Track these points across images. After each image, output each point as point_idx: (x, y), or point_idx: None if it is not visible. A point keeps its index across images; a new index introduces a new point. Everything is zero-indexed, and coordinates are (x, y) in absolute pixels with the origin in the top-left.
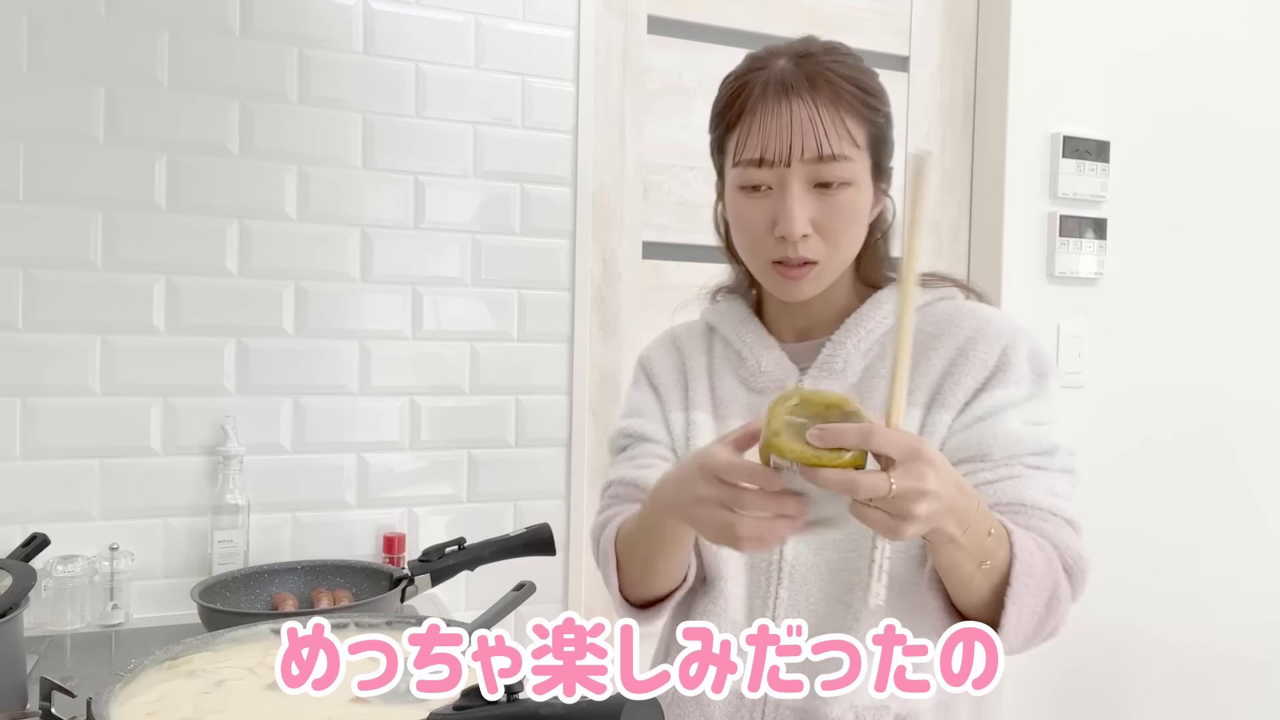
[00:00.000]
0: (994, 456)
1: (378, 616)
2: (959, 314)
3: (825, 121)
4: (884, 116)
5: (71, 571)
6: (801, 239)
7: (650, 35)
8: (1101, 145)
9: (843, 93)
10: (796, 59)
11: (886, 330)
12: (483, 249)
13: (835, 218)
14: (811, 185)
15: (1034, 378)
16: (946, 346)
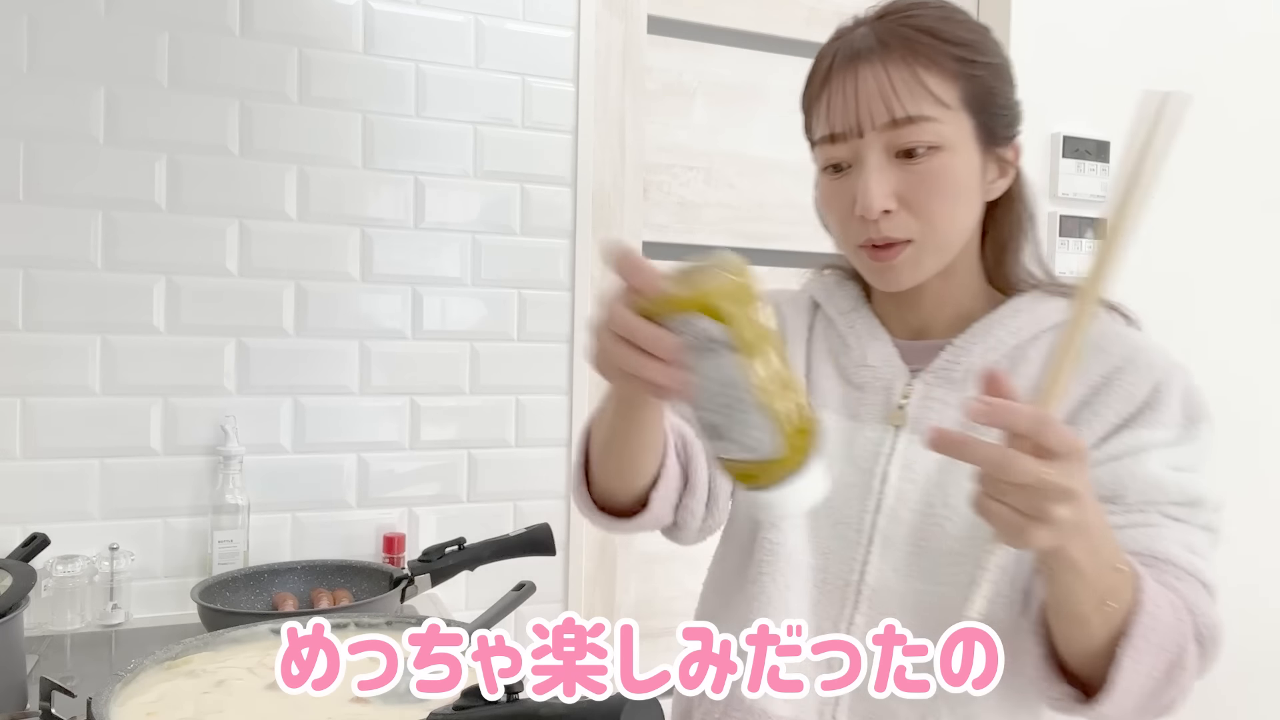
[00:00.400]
0: (1129, 499)
1: (378, 616)
2: (1107, 338)
3: (895, 80)
4: (986, 69)
5: (71, 571)
6: (884, 216)
7: (650, 35)
8: (1101, 145)
9: (919, 46)
10: (873, 22)
11: (1020, 343)
12: (483, 249)
13: (922, 188)
14: (892, 155)
15: (1185, 421)
16: (1090, 372)
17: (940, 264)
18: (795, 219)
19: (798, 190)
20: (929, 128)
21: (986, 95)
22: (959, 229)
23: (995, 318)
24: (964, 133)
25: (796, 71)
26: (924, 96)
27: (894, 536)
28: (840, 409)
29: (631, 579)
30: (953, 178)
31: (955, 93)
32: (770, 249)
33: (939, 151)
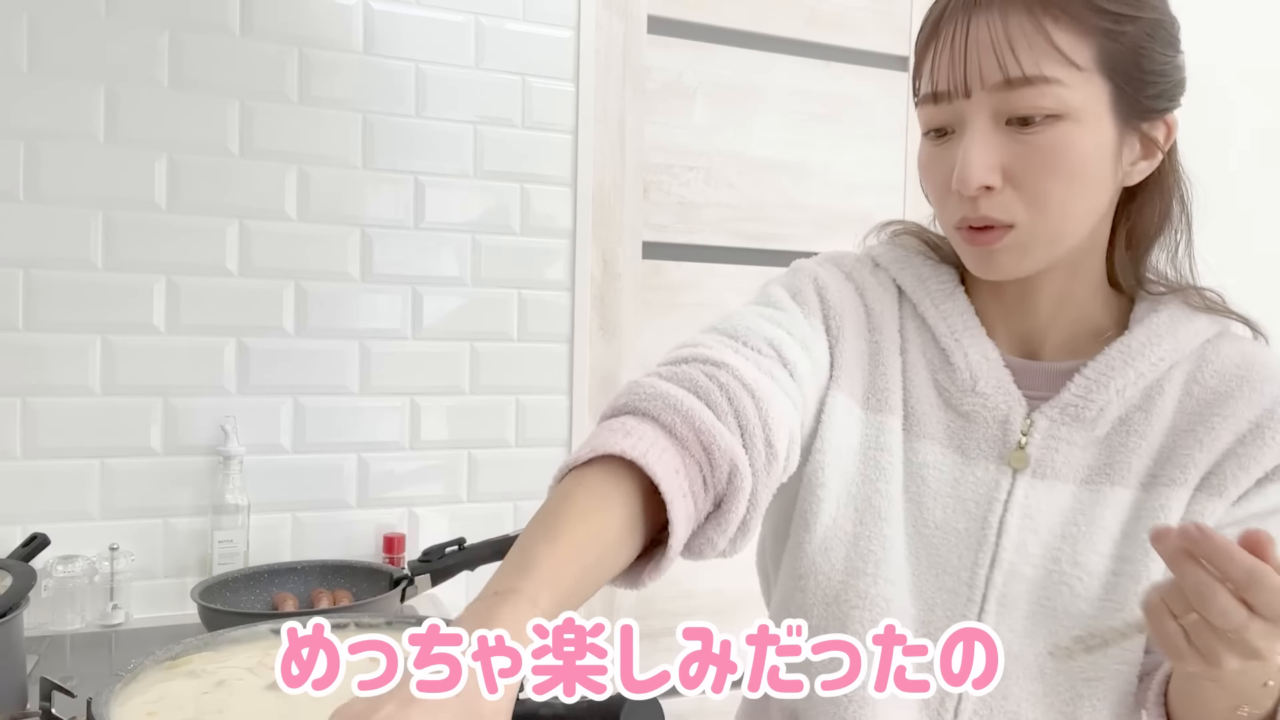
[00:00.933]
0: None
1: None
2: (1255, 369)
3: (1015, 32)
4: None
5: (71, 571)
6: (984, 193)
7: (650, 35)
8: None
9: None
10: None
11: (1161, 376)
12: (483, 249)
13: (1035, 163)
14: (1003, 122)
15: None
16: (1239, 414)
17: (1051, 256)
18: (795, 219)
19: (798, 190)
20: (1050, 91)
21: (1132, 57)
22: (1077, 217)
23: (1133, 343)
24: (1097, 101)
25: (796, 71)
26: (1048, 53)
27: (1012, 595)
28: (944, 440)
29: None
30: (1075, 154)
31: (1090, 51)
32: (770, 249)
33: (1060, 121)
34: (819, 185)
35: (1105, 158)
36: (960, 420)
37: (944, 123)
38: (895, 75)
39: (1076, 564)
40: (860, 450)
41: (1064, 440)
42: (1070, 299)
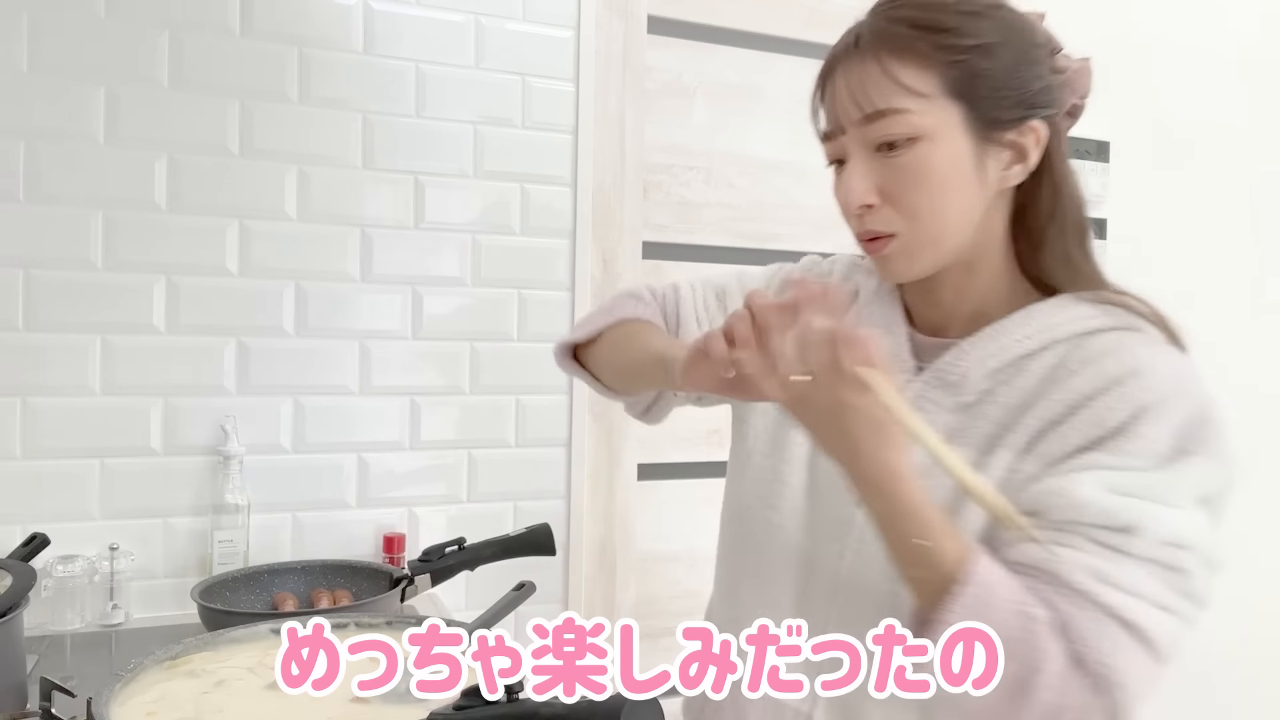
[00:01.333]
0: (1050, 517)
1: (378, 616)
2: (1110, 355)
3: (864, 76)
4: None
5: (71, 571)
6: (867, 210)
7: (650, 35)
8: (1101, 145)
9: (890, 37)
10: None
11: (1027, 353)
12: (483, 249)
13: (901, 181)
14: (873, 149)
15: (1170, 454)
16: (1072, 390)
17: (937, 257)
18: (795, 219)
19: (798, 190)
20: (902, 120)
21: (973, 80)
22: (951, 222)
23: (1007, 322)
24: (949, 121)
25: (796, 71)
26: (893, 88)
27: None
28: None
29: (631, 579)
30: (935, 169)
31: (935, 80)
32: (770, 249)
33: (918, 142)
34: (819, 185)
35: (965, 169)
36: None
37: (836, 155)
38: None
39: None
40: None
41: (931, 402)
42: (968, 291)
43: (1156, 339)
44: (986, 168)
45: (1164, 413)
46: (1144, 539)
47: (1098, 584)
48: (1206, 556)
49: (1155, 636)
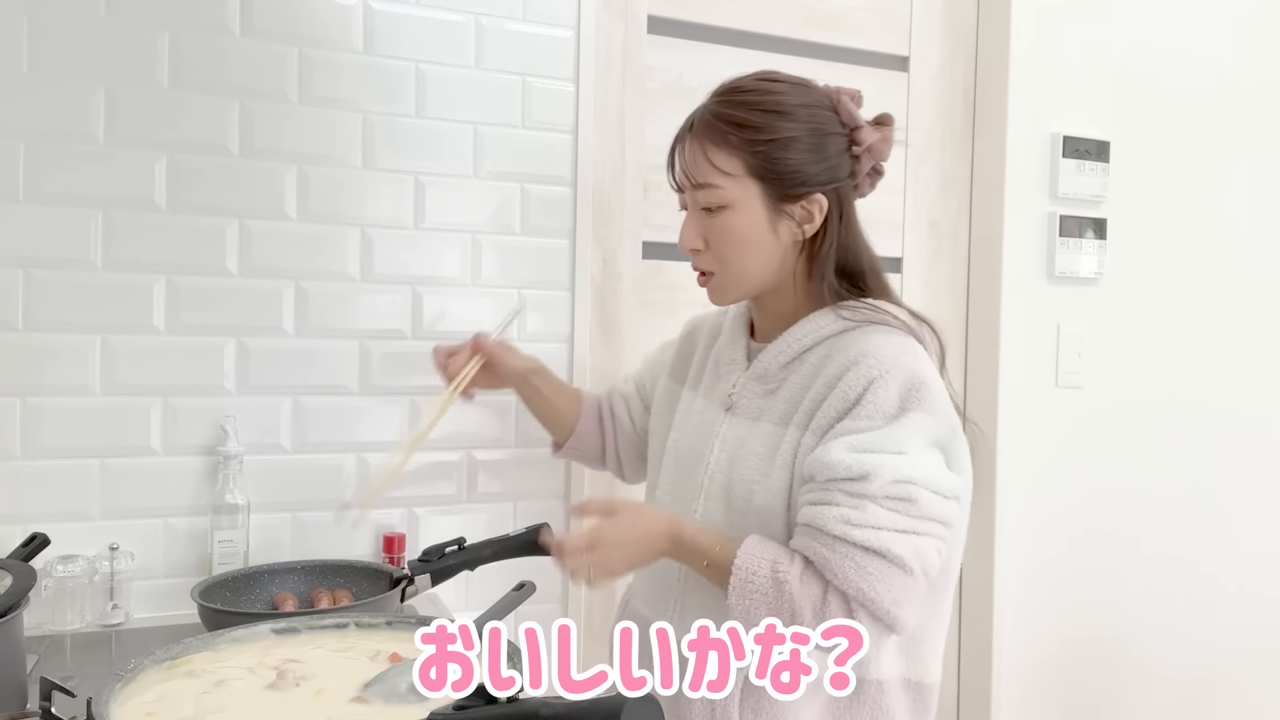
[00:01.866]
0: (817, 479)
1: (378, 616)
2: (851, 345)
3: (695, 154)
4: (770, 144)
5: (71, 571)
6: (695, 253)
7: (650, 35)
8: (1101, 145)
9: (711, 129)
10: (704, 104)
11: (807, 348)
12: (483, 249)
13: (714, 236)
14: (700, 209)
15: (895, 413)
16: (828, 375)
17: (744, 290)
18: None
19: None
20: (715, 192)
21: (769, 165)
22: (753, 268)
23: (795, 328)
24: (750, 195)
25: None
26: (709, 169)
27: (713, 489)
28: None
29: (631, 578)
30: (737, 231)
31: (740, 165)
32: None
33: (726, 210)
34: None
35: (761, 231)
36: (714, 380)
37: (682, 205)
38: (895, 75)
39: (741, 469)
40: (664, 405)
41: (749, 391)
42: (779, 308)
43: (887, 330)
44: (779, 229)
45: (886, 382)
46: (876, 482)
47: (846, 527)
48: (935, 487)
49: (900, 554)
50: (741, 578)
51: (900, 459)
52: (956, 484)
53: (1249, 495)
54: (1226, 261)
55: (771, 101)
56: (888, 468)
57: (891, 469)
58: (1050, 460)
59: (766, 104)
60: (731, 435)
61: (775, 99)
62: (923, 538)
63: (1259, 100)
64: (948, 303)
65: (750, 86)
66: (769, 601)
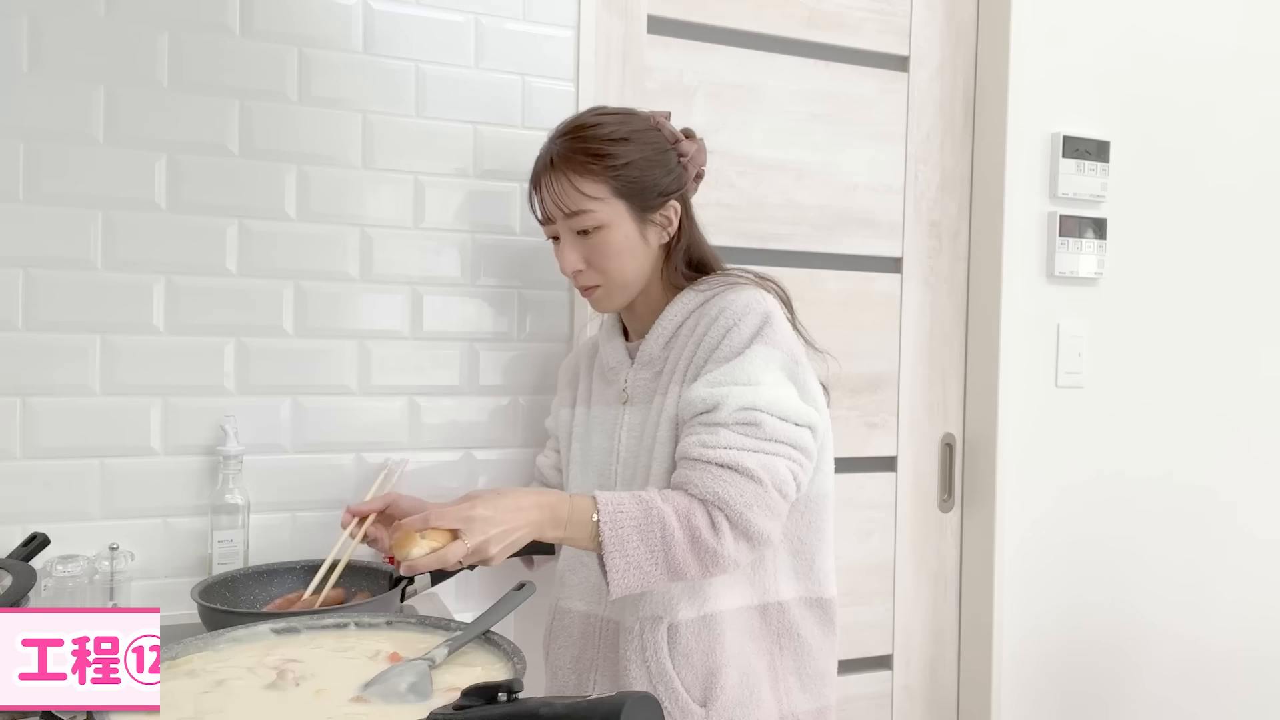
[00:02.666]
0: (684, 417)
1: (378, 616)
2: (713, 305)
3: (562, 187)
4: (627, 167)
5: (71, 571)
6: (576, 273)
7: (650, 35)
8: (1101, 145)
9: (573, 162)
10: (555, 140)
11: (679, 324)
12: (483, 249)
13: (595, 254)
14: (575, 233)
15: (740, 350)
16: (698, 335)
17: (627, 294)
18: (795, 219)
19: (798, 190)
20: (589, 216)
21: (631, 184)
22: (631, 274)
23: (664, 315)
24: (619, 213)
25: (797, 71)
26: (578, 197)
27: (624, 476)
28: (600, 400)
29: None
30: (615, 245)
31: (605, 188)
32: (770, 249)
33: (601, 229)
34: (819, 185)
35: (634, 240)
36: (605, 386)
37: (552, 234)
38: (895, 75)
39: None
40: (565, 432)
41: (639, 379)
42: (648, 305)
43: (739, 286)
44: (648, 237)
45: (740, 325)
46: (725, 410)
47: (702, 449)
48: (781, 413)
49: (749, 467)
50: (610, 511)
51: (747, 389)
52: (807, 413)
53: (1249, 495)
54: (1226, 261)
55: (615, 131)
56: (734, 397)
57: (738, 398)
58: (1050, 460)
59: (613, 134)
60: (635, 422)
61: (617, 129)
62: (771, 456)
63: (1259, 100)
64: (948, 303)
65: (592, 122)
66: (639, 524)
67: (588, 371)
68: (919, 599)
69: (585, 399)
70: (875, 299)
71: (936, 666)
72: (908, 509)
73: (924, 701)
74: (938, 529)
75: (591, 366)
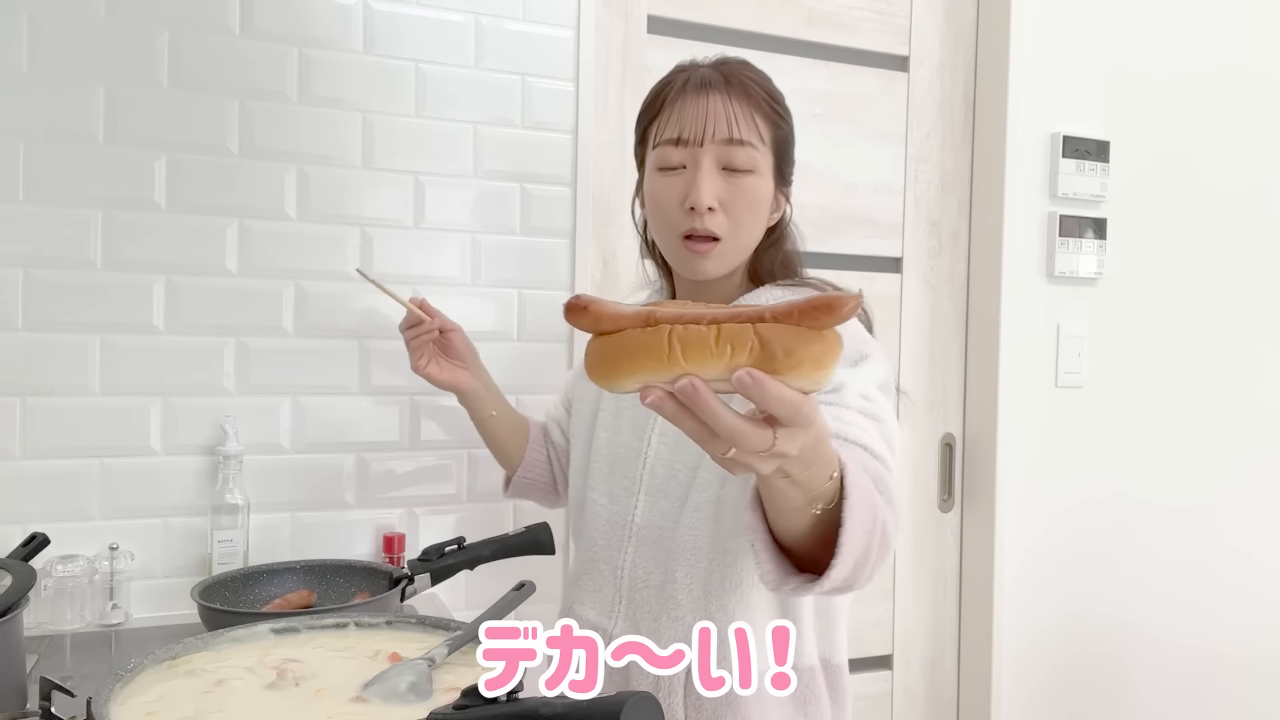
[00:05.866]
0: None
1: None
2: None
3: (736, 109)
4: (788, 126)
5: (71, 571)
6: (708, 213)
7: (650, 35)
8: (1101, 145)
9: (753, 92)
10: (715, 65)
11: None
12: (483, 249)
13: (739, 198)
14: (720, 167)
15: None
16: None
17: (738, 262)
18: (795, 218)
19: (797, 190)
20: (751, 153)
21: (784, 143)
22: (752, 239)
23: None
24: (768, 166)
25: (796, 71)
26: (751, 129)
27: (651, 485)
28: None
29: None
30: (758, 197)
31: (769, 134)
32: None
33: (752, 174)
34: (819, 185)
35: (768, 203)
36: None
37: (679, 161)
38: (895, 75)
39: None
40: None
41: None
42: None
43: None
44: (770, 208)
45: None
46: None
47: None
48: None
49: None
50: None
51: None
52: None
53: (1249, 494)
54: (1226, 261)
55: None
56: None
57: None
58: (1050, 460)
59: (777, 90)
60: (671, 428)
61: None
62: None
63: (1259, 100)
64: (948, 303)
65: (756, 69)
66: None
67: None
68: (919, 599)
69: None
70: (875, 299)
71: (936, 667)
72: (908, 509)
73: (924, 702)
74: (938, 529)
75: None
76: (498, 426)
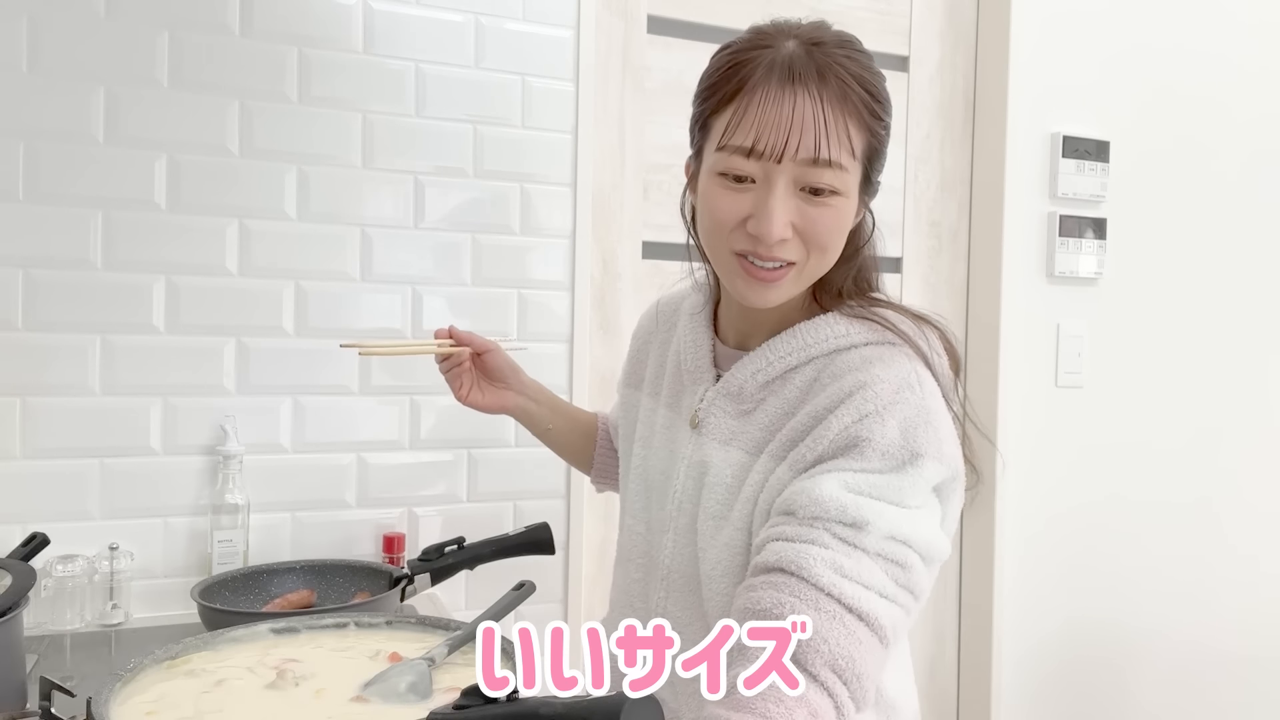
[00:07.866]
0: (798, 515)
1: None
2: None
3: (828, 118)
4: (885, 128)
5: (71, 571)
6: (780, 242)
7: (650, 35)
8: (1101, 145)
9: (851, 93)
10: (808, 45)
11: (792, 367)
12: (483, 249)
13: (819, 226)
14: (798, 188)
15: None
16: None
17: (800, 291)
18: None
19: None
20: (839, 175)
21: (877, 152)
22: (825, 266)
23: (776, 340)
24: (855, 182)
25: None
26: (843, 145)
27: (680, 524)
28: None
29: None
30: (843, 221)
31: (863, 145)
32: None
33: (838, 196)
34: None
35: (850, 221)
36: (676, 387)
37: (750, 174)
38: (895, 75)
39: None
40: (626, 416)
41: (718, 409)
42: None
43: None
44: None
45: (884, 419)
46: (873, 535)
47: (837, 577)
48: (926, 553)
49: (883, 624)
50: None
51: (901, 513)
52: (943, 548)
53: (1248, 494)
54: (1226, 261)
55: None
56: (886, 519)
57: (890, 522)
58: (1050, 460)
59: (880, 74)
60: (697, 459)
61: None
62: (897, 608)
63: (1259, 100)
64: (948, 303)
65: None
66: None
67: (662, 348)
68: None
69: (655, 389)
70: None
71: (936, 667)
72: None
73: (924, 701)
74: None
75: (667, 346)
76: (558, 438)
